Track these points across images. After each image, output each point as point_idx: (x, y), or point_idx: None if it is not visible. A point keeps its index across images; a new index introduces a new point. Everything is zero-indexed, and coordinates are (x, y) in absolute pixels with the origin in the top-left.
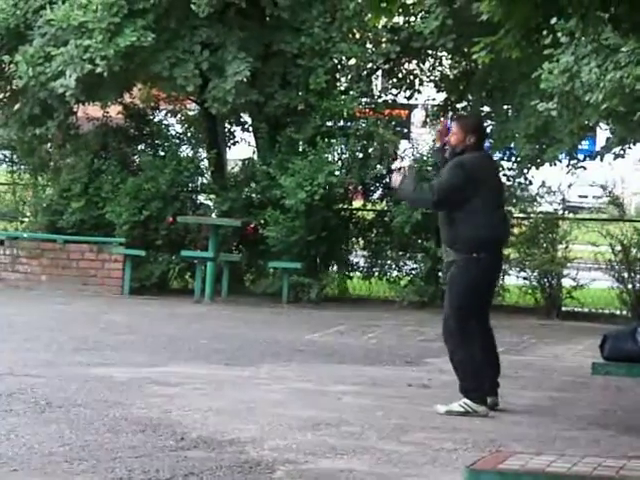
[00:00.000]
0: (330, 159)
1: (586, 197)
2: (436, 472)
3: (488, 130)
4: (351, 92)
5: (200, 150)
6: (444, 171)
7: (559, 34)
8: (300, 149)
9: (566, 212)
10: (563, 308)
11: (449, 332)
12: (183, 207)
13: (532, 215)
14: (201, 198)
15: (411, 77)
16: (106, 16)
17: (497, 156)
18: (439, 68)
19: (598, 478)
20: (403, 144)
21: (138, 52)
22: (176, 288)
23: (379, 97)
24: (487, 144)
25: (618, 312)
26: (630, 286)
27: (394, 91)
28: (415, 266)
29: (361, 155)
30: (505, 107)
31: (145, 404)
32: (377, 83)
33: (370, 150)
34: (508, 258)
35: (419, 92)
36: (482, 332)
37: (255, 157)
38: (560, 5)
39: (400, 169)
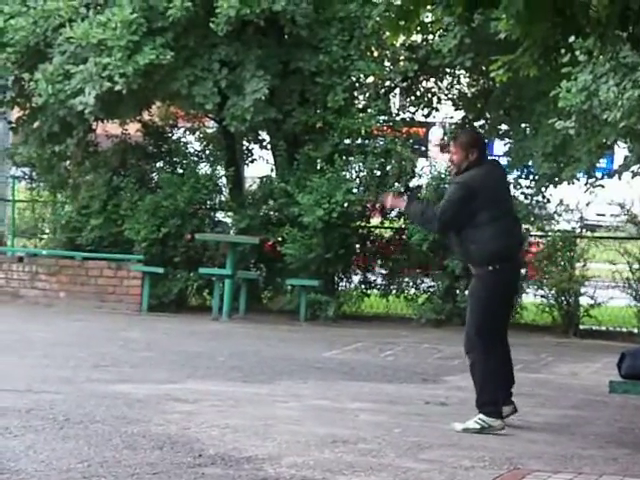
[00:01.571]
0: (348, 177)
1: (604, 215)
2: None
3: (506, 148)
4: (369, 110)
5: (218, 168)
6: (446, 193)
7: (577, 53)
8: (318, 167)
9: (584, 230)
10: (581, 326)
11: (471, 345)
12: (201, 224)
13: (550, 233)
14: (219, 215)
15: (429, 95)
16: (125, 34)
17: (515, 174)
18: (457, 86)
19: None
20: (421, 162)
21: (157, 70)
22: (194, 305)
23: (397, 115)
24: (505, 162)
25: (636, 330)
26: None
27: (412, 109)
28: (433, 284)
29: (379, 173)
30: (523, 125)
31: (163, 421)
32: (395, 101)
33: (388, 168)
34: (526, 276)
35: (437, 110)
36: (499, 343)
37: (273, 175)
38: (578, 24)
39: (391, 193)
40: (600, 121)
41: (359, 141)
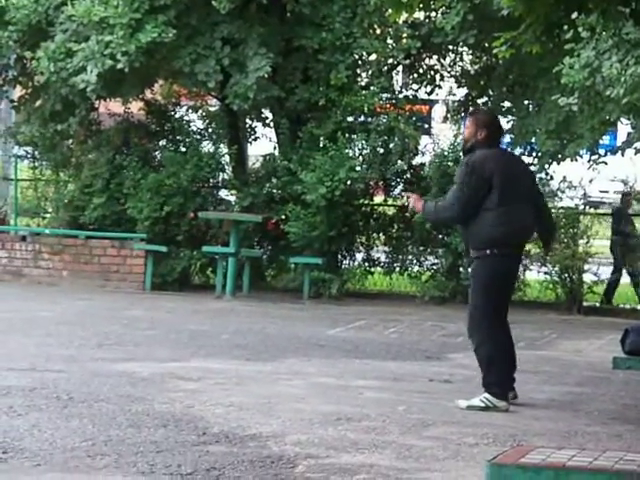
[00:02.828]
0: (351, 154)
1: (607, 192)
2: (457, 467)
3: (509, 125)
4: (372, 87)
5: (221, 146)
6: (456, 176)
7: (580, 29)
8: (321, 144)
9: (587, 207)
10: (584, 303)
11: (474, 327)
12: (204, 203)
13: (553, 210)
14: (222, 194)
15: (432, 72)
16: (127, 12)
17: (518, 151)
18: (460, 63)
19: (619, 472)
20: (424, 139)
21: (159, 48)
22: (198, 284)
23: (400, 92)
24: (508, 139)
25: (639, 307)
26: None
27: (415, 86)
28: (436, 261)
29: (382, 150)
30: (526, 102)
31: (167, 399)
32: (398, 78)
33: (391, 145)
34: (529, 253)
35: (440, 87)
36: (502, 324)
37: (276, 153)
38: (581, 0)
39: (408, 197)
40: (603, 98)
41: (362, 119)
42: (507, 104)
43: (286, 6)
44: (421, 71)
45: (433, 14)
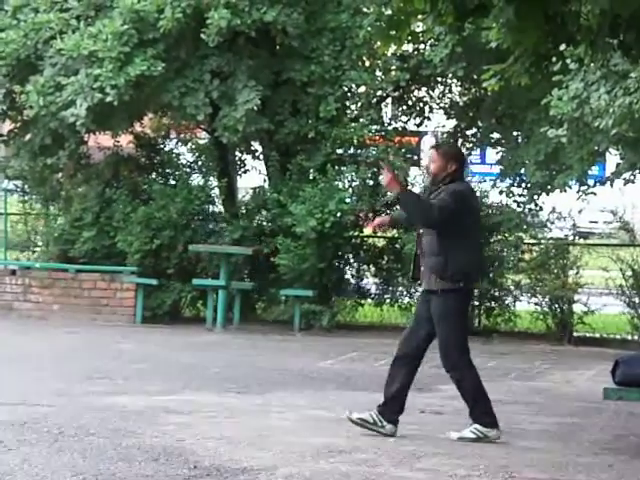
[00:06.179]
0: (341, 186)
1: (596, 222)
2: None
3: (498, 156)
4: (361, 120)
5: (211, 178)
6: (443, 195)
7: (568, 61)
8: (311, 177)
9: (577, 238)
10: (574, 334)
11: (452, 363)
12: (194, 235)
13: (543, 241)
14: (212, 226)
15: (421, 104)
16: (116, 45)
17: (507, 182)
18: (449, 95)
19: None
20: (413, 171)
21: (148, 81)
22: (188, 316)
23: (389, 124)
24: (497, 171)
25: (629, 337)
26: None
27: (404, 118)
28: None
29: (371, 182)
30: (515, 134)
31: (158, 433)
32: (387, 110)
33: (380, 177)
34: (519, 284)
35: (429, 119)
36: None
37: (266, 185)
38: (569, 32)
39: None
40: (592, 129)
41: (351, 151)
42: (496, 135)
43: (275, 39)
44: (410, 103)
45: (422, 46)
